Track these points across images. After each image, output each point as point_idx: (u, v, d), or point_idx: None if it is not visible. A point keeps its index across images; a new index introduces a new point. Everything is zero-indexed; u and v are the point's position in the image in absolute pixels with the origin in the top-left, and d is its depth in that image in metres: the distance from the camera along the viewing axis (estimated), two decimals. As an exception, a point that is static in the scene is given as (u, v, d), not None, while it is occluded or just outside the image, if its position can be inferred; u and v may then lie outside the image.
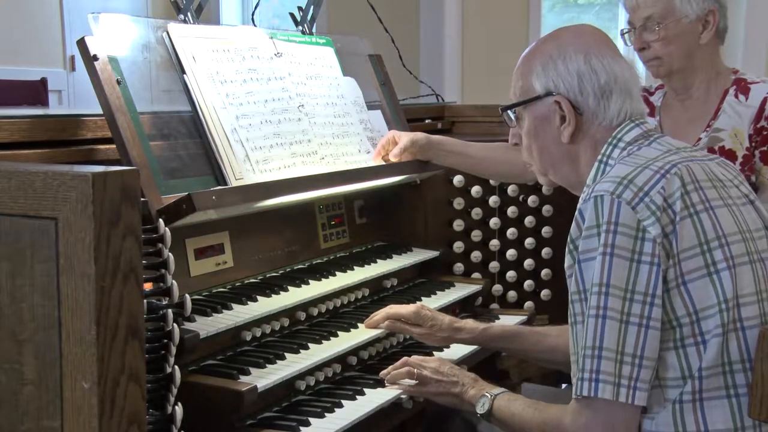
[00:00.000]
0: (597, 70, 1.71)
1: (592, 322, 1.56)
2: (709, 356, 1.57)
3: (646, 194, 1.57)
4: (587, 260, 1.58)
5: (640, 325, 1.55)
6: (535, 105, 1.78)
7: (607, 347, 1.55)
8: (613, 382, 1.54)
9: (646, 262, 1.54)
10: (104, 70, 1.82)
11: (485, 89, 5.82)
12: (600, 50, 1.74)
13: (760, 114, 2.37)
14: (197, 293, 1.96)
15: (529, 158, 1.86)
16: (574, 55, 1.73)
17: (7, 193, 1.28)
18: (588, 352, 1.56)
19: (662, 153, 1.67)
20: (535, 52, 1.79)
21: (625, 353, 1.54)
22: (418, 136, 2.49)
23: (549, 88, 1.75)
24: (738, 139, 2.38)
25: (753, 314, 1.60)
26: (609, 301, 1.55)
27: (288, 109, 2.20)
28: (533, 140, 1.81)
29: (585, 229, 1.59)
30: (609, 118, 1.73)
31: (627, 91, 1.73)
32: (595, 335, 1.55)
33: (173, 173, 1.89)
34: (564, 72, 1.73)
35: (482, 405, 1.86)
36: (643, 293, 1.54)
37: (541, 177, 1.88)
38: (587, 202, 1.60)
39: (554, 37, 1.81)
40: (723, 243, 1.60)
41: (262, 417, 1.83)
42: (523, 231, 2.79)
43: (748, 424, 1.58)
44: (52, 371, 1.28)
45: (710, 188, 1.65)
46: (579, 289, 1.60)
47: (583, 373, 1.57)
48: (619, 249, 1.55)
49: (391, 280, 2.47)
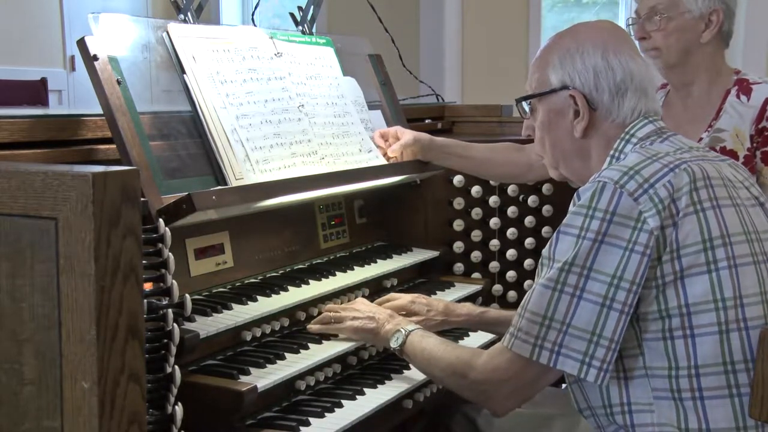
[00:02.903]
0: (614, 67, 1.72)
1: (564, 298, 1.58)
2: (706, 354, 1.57)
3: (651, 186, 1.58)
4: (566, 233, 1.61)
5: (621, 312, 1.56)
6: (550, 98, 1.79)
7: (577, 326, 1.57)
8: (580, 360, 1.57)
9: (638, 252, 1.55)
10: (104, 70, 1.82)
11: (485, 89, 5.83)
12: (618, 47, 1.74)
13: (761, 114, 2.37)
14: (197, 293, 1.96)
15: (541, 150, 1.87)
16: (592, 51, 1.74)
17: (7, 193, 1.28)
18: (546, 321, 1.59)
19: (674, 150, 1.68)
20: (553, 46, 1.80)
21: (603, 336, 1.56)
22: (422, 136, 2.49)
23: (565, 82, 1.76)
24: (739, 139, 2.38)
25: (757, 314, 1.60)
26: (589, 283, 1.57)
27: (288, 109, 2.20)
28: (546, 133, 1.83)
29: (577, 206, 1.61)
30: (623, 116, 1.74)
31: (642, 90, 1.74)
32: (568, 311, 1.58)
33: (173, 173, 1.89)
34: (581, 67, 1.74)
35: (396, 339, 1.95)
36: (630, 281, 1.56)
37: (552, 170, 1.89)
38: (589, 186, 1.62)
39: (573, 31, 1.82)
40: (726, 242, 1.60)
41: (262, 417, 1.83)
42: (523, 231, 2.79)
43: (750, 424, 1.58)
44: (52, 371, 1.28)
45: (720, 187, 1.65)
46: (549, 256, 1.63)
47: (542, 341, 1.59)
48: (611, 237, 1.56)
49: (391, 280, 2.47)
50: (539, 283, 1.62)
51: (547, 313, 1.59)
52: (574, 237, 1.59)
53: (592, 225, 1.57)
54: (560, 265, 1.59)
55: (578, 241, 1.58)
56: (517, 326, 1.63)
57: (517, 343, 1.63)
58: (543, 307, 1.60)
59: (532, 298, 1.62)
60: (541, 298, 1.61)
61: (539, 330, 1.60)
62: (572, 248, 1.58)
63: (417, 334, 1.93)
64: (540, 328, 1.60)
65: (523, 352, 1.61)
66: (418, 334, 1.93)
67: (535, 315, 1.61)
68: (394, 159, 2.47)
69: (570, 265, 1.58)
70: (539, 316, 1.60)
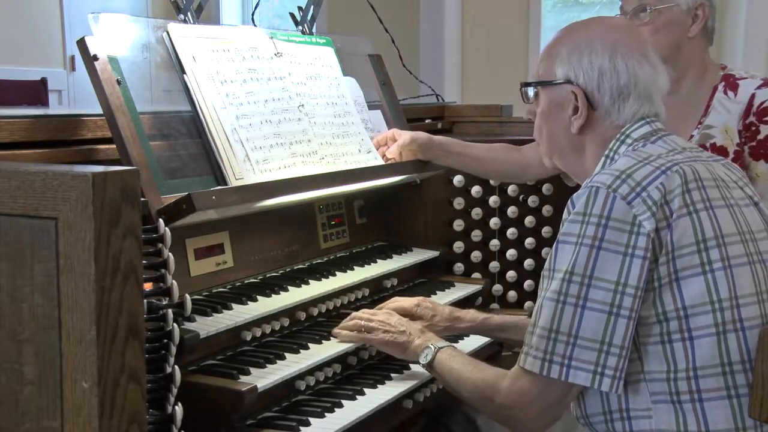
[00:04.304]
0: (619, 70, 1.72)
1: (568, 309, 1.57)
2: (704, 355, 1.57)
3: (643, 189, 1.58)
4: (565, 242, 1.60)
5: (629, 318, 1.56)
6: (552, 89, 1.79)
7: (585, 336, 1.57)
8: (592, 370, 1.57)
9: (639, 256, 1.55)
10: (104, 70, 1.82)
11: (485, 89, 5.83)
12: (628, 50, 1.73)
13: (748, 110, 2.38)
14: (197, 293, 1.96)
15: (538, 138, 1.88)
16: (600, 51, 1.73)
17: (7, 193, 1.28)
18: (552, 335, 1.58)
19: (667, 151, 1.68)
20: (566, 37, 1.80)
21: (613, 344, 1.56)
22: (420, 135, 2.49)
23: (569, 76, 1.75)
24: (729, 135, 2.39)
25: (753, 315, 1.60)
26: (591, 292, 1.56)
27: (288, 109, 2.20)
28: (545, 122, 1.84)
29: (573, 214, 1.61)
30: (622, 120, 1.74)
31: (647, 96, 1.74)
32: (573, 322, 1.57)
33: (173, 173, 1.89)
34: (587, 65, 1.73)
35: (425, 356, 1.92)
36: (635, 287, 1.55)
37: (546, 159, 1.90)
38: (582, 192, 1.61)
39: (588, 26, 1.81)
40: (720, 243, 1.60)
41: (262, 417, 1.83)
42: (523, 231, 2.79)
43: (749, 425, 1.58)
44: (52, 371, 1.28)
45: (713, 188, 1.65)
46: (550, 267, 1.62)
47: (551, 355, 1.59)
48: (608, 243, 1.56)
49: (391, 280, 2.47)
50: (544, 296, 1.61)
51: (553, 326, 1.59)
52: (572, 245, 1.59)
53: (588, 231, 1.57)
54: (561, 275, 1.59)
55: (576, 249, 1.58)
56: (529, 343, 1.63)
57: (529, 360, 1.62)
58: (549, 320, 1.59)
59: (539, 313, 1.62)
60: (546, 311, 1.60)
61: (547, 344, 1.59)
62: (571, 257, 1.58)
63: (446, 351, 1.90)
64: (548, 342, 1.59)
65: (534, 369, 1.61)
66: (447, 352, 1.89)
67: (543, 329, 1.60)
68: (392, 160, 2.47)
69: (571, 275, 1.58)
70: (546, 329, 1.60)
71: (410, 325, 2.02)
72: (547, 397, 1.63)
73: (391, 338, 1.99)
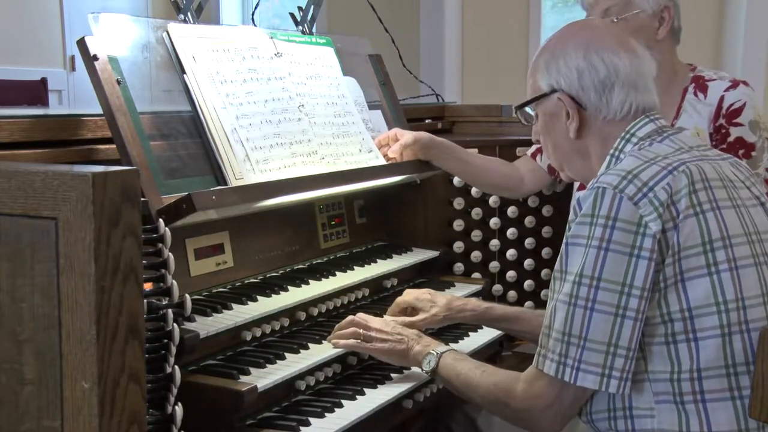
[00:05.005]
0: (596, 65, 1.73)
1: (579, 312, 1.58)
2: (708, 357, 1.57)
3: (650, 189, 1.57)
4: (575, 244, 1.60)
5: (635, 320, 1.56)
6: (543, 102, 1.81)
7: (593, 339, 1.57)
8: (600, 373, 1.57)
9: (645, 258, 1.55)
10: (104, 70, 1.82)
11: (485, 89, 5.83)
12: (600, 45, 1.74)
13: (718, 112, 2.38)
14: (197, 293, 1.96)
15: (547, 154, 1.91)
16: (573, 52, 1.75)
17: (7, 193, 1.28)
18: (565, 338, 1.59)
19: (674, 150, 1.68)
20: (542, 51, 1.82)
21: (620, 346, 1.56)
22: (422, 135, 2.50)
23: (552, 85, 1.77)
24: (700, 138, 2.38)
25: (759, 316, 1.60)
26: (600, 294, 1.56)
27: (288, 109, 2.20)
28: (547, 136, 1.85)
29: (580, 216, 1.61)
30: (613, 112, 1.74)
31: (631, 84, 1.73)
32: (582, 325, 1.57)
33: (173, 173, 1.89)
34: (564, 69, 1.75)
35: (428, 362, 1.91)
36: (641, 288, 1.56)
37: (561, 173, 1.93)
38: (588, 193, 1.61)
39: (560, 34, 1.83)
40: (727, 244, 1.59)
41: (262, 417, 1.83)
42: (523, 231, 2.79)
43: (752, 426, 1.58)
44: (52, 371, 1.28)
45: (720, 188, 1.65)
46: (561, 269, 1.63)
47: (565, 358, 1.59)
48: (615, 244, 1.56)
49: (391, 280, 2.47)
50: (557, 299, 1.62)
51: (566, 329, 1.59)
52: (582, 247, 1.59)
53: (596, 232, 1.57)
54: (572, 277, 1.59)
55: (585, 251, 1.58)
56: (545, 345, 1.63)
57: (546, 363, 1.62)
58: (562, 323, 1.60)
59: (553, 316, 1.62)
60: (560, 314, 1.61)
61: (561, 347, 1.60)
62: (581, 259, 1.58)
63: (449, 356, 1.90)
64: (561, 344, 1.60)
65: (550, 371, 1.61)
66: (449, 357, 1.89)
67: (557, 332, 1.61)
68: (393, 160, 2.47)
69: (580, 277, 1.58)
70: (560, 332, 1.60)
71: (406, 332, 2.01)
72: (563, 400, 1.64)
73: (390, 347, 1.98)
